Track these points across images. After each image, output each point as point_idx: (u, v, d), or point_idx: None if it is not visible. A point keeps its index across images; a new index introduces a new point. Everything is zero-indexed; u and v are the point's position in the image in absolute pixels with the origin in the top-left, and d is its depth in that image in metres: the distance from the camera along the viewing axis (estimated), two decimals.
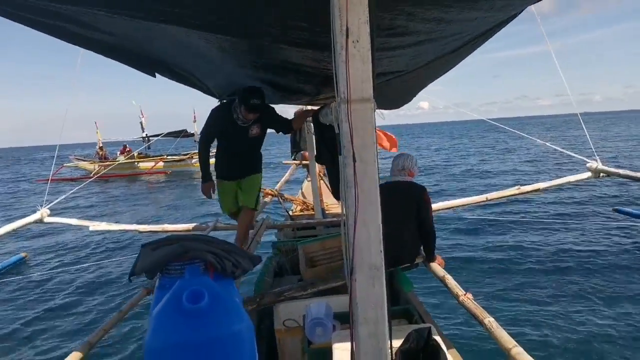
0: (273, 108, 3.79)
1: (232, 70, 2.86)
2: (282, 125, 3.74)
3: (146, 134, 27.28)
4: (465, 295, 2.88)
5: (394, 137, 7.12)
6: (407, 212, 3.18)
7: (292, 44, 1.82)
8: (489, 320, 2.53)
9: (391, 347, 1.34)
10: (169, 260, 1.49)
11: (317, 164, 4.77)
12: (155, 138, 23.88)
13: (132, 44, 2.28)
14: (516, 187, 4.97)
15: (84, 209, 14.17)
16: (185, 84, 3.38)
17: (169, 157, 26.26)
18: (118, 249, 8.75)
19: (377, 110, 1.20)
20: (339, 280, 3.46)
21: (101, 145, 27.85)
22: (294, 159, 7.80)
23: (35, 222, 4.46)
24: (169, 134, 26.03)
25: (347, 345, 2.23)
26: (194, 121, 26.54)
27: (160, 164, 25.87)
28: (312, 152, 5.47)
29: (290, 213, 6.03)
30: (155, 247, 1.55)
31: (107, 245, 9.10)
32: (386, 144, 6.93)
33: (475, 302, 2.76)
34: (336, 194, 2.86)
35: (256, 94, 3.29)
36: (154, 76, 2.84)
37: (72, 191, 5.24)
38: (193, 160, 25.68)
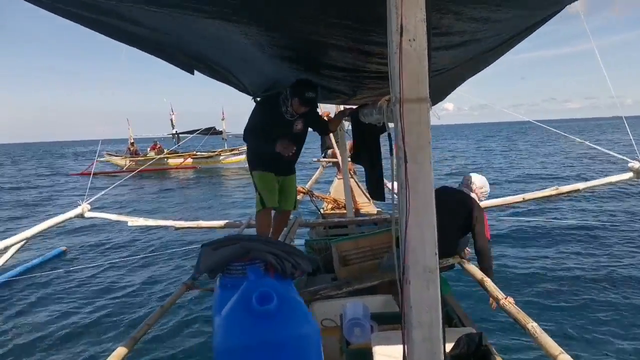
0: (317, 106, 3.73)
1: (268, 68, 2.88)
2: (321, 126, 3.68)
3: (176, 131, 28.03)
4: (506, 299, 2.81)
5: None
6: (453, 218, 3.15)
7: (335, 44, 1.81)
8: (532, 326, 2.46)
9: (444, 351, 1.32)
10: (230, 261, 1.51)
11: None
12: (190, 136, 24.40)
13: (174, 41, 2.31)
14: (554, 187, 4.83)
15: (117, 203, 14.53)
16: (221, 80, 3.42)
17: (198, 154, 26.68)
18: (155, 244, 8.95)
19: (431, 110, 1.17)
20: (374, 279, 3.45)
21: (132, 141, 28.58)
22: (324, 157, 7.81)
23: (77, 216, 4.60)
24: (198, 132, 26.63)
25: (389, 348, 2.22)
26: (223, 119, 27.05)
27: (189, 160, 26.33)
28: (344, 151, 5.46)
29: (322, 211, 6.04)
30: (217, 247, 1.58)
31: (143, 240, 9.32)
32: None
33: (516, 307, 2.70)
34: (372, 194, 2.84)
35: (312, 88, 3.20)
36: (192, 73, 2.88)
37: (113, 186, 5.38)
38: (221, 157, 26.41)
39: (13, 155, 66.06)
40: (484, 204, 5.02)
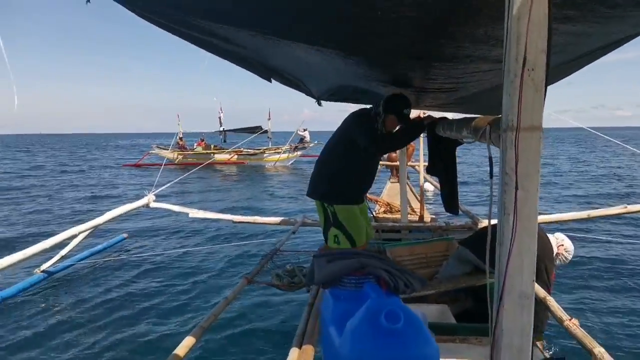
0: None
1: (335, 78, 2.95)
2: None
3: (223, 128, 28.96)
4: (570, 320, 2.75)
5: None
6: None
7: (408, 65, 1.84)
8: (599, 351, 2.39)
9: None
10: (346, 274, 1.58)
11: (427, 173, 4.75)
12: (244, 135, 25.16)
13: (256, 56, 2.43)
14: (622, 205, 4.65)
15: (171, 194, 15.11)
16: (292, 87, 3.53)
17: (244, 151, 27.39)
18: (211, 236, 9.25)
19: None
20: (430, 288, 3.43)
21: (181, 136, 29.61)
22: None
23: (143, 206, 4.86)
24: (244, 129, 28.26)
25: None
26: (269, 119, 27.76)
27: (235, 156, 27.15)
28: (403, 155, 5.46)
29: (374, 214, 6.05)
30: (331, 260, 1.65)
31: (200, 232, 9.64)
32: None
33: (582, 330, 2.63)
34: (447, 206, 2.83)
35: (409, 103, 2.95)
36: (270, 81, 3.00)
37: (179, 178, 5.63)
38: (265, 155, 27.20)
39: (61, 146, 69.34)
40: (544, 218, 4.92)
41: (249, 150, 28.04)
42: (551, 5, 1.07)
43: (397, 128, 2.99)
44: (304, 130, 27.64)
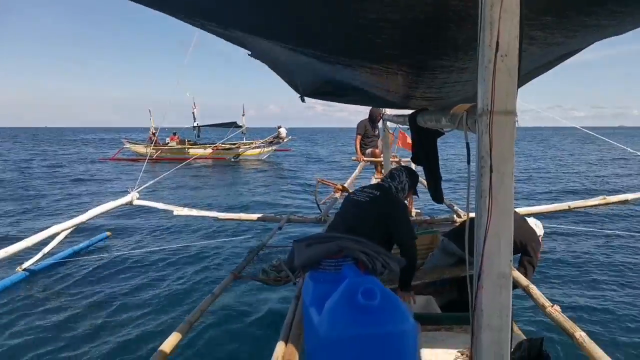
0: None
1: (323, 73, 2.96)
2: None
3: (197, 124, 29.22)
4: (552, 307, 2.81)
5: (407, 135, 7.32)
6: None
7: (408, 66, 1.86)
8: (580, 334, 2.46)
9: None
10: (324, 257, 1.60)
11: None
12: (209, 127, 25.13)
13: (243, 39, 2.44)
14: (601, 197, 4.76)
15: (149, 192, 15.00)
16: (275, 71, 3.51)
17: (220, 146, 27.60)
18: (195, 233, 9.19)
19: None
20: (415, 279, 3.48)
21: (154, 131, 29.46)
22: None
23: (126, 204, 4.81)
24: (219, 125, 29.09)
25: (434, 351, 2.27)
26: (243, 115, 28.40)
27: (209, 150, 27.30)
28: (387, 151, 5.51)
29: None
30: (309, 244, 1.67)
31: (184, 228, 9.59)
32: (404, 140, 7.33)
33: (564, 315, 2.69)
34: (433, 196, 2.89)
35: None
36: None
37: (162, 175, 5.59)
38: (240, 150, 27.84)
39: (25, 138, 67.77)
40: (527, 209, 5.01)
41: (224, 145, 28.10)
42: None
43: None
44: (279, 127, 28.62)
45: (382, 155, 6.64)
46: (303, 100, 4.40)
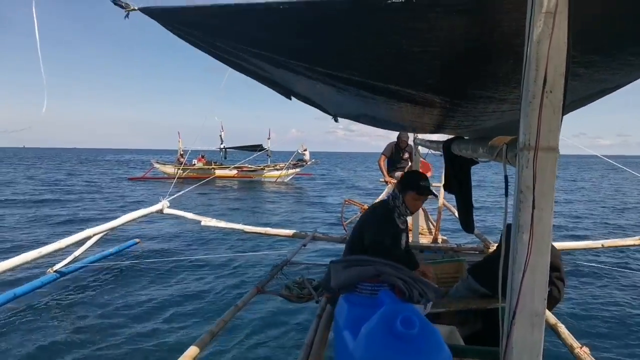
0: None
1: (355, 106, 3.01)
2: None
3: (224, 146, 30.09)
4: (581, 348, 2.71)
5: (428, 163, 7.60)
6: None
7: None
8: None
9: None
10: (361, 280, 1.60)
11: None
12: (235, 150, 27.94)
13: (279, 80, 2.51)
14: (638, 237, 4.59)
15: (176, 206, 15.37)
16: (312, 105, 3.58)
17: (245, 167, 28.72)
18: (222, 245, 9.35)
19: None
20: (440, 307, 3.40)
21: (182, 152, 30.65)
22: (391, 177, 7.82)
23: (157, 212, 4.92)
24: (245, 147, 30.12)
25: None
26: (268, 138, 29.44)
27: (235, 172, 28.48)
28: None
29: None
30: (347, 266, 1.68)
31: (210, 240, 9.77)
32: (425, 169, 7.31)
33: (592, 357, 2.59)
34: (463, 225, 2.84)
35: (424, 177, 2.88)
36: (290, 99, 3.07)
37: (191, 187, 5.72)
38: (264, 172, 28.83)
39: (60, 160, 70.12)
40: (560, 245, 4.86)
41: (249, 166, 29.24)
42: (570, 31, 1.10)
43: (419, 205, 2.93)
44: (305, 150, 29.29)
45: None
46: (336, 120, 4.47)
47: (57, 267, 6.35)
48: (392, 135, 7.67)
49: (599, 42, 1.18)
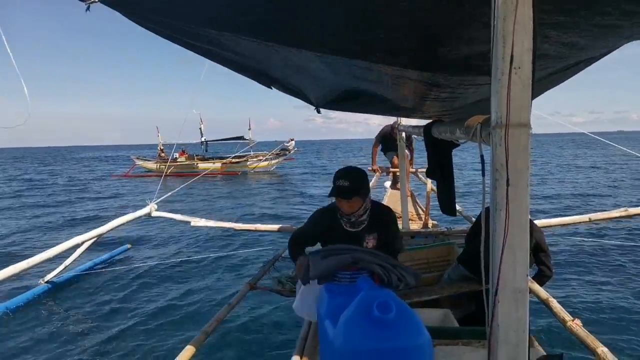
0: (391, 216, 2.79)
1: (334, 83, 2.98)
2: (393, 244, 2.69)
3: (205, 139, 30.32)
4: (573, 321, 2.75)
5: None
6: None
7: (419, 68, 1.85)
8: (602, 350, 2.40)
9: None
10: (339, 269, 1.60)
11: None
12: (217, 142, 28.60)
13: (258, 66, 2.47)
14: (623, 208, 4.66)
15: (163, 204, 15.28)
16: (292, 95, 3.57)
17: (228, 159, 28.51)
18: (213, 244, 9.30)
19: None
20: (433, 293, 3.43)
21: (162, 147, 30.87)
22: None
23: (145, 215, 4.88)
24: (226, 139, 30.72)
25: None
26: (249, 128, 29.78)
27: (218, 164, 28.24)
28: (403, 162, 5.48)
29: None
30: (325, 256, 1.67)
31: (201, 240, 9.72)
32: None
33: (585, 330, 2.63)
34: (444, 209, 2.86)
35: (345, 176, 2.50)
36: (271, 88, 3.05)
37: (178, 188, 5.69)
38: (248, 163, 29.16)
39: (32, 159, 69.09)
40: (546, 222, 4.92)
41: (232, 159, 28.97)
42: (535, 5, 1.10)
43: (346, 208, 2.49)
44: (290, 140, 30.78)
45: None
46: (319, 112, 4.46)
47: (48, 277, 6.27)
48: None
49: (565, 4, 1.18)
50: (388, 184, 7.98)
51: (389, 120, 7.40)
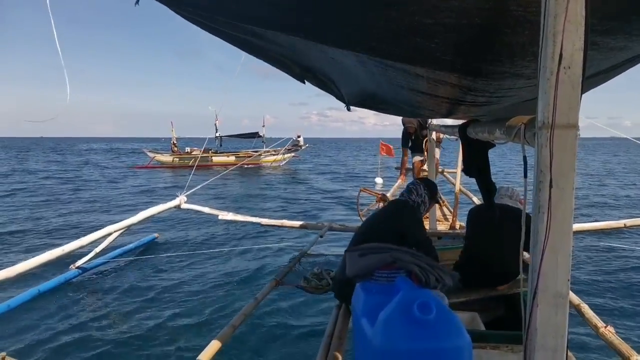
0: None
1: (370, 86, 2.96)
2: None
3: (219, 134, 31.27)
4: (606, 327, 2.68)
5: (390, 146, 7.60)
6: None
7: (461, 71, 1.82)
8: (637, 359, 2.33)
9: None
10: (377, 268, 1.60)
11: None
12: (230, 138, 30.22)
13: (293, 56, 2.47)
14: None
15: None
16: (324, 90, 3.55)
17: (242, 153, 30.25)
18: (238, 238, 9.43)
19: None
20: (461, 296, 3.38)
21: (175, 142, 31.72)
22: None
23: (175, 207, 4.97)
24: (240, 135, 32.20)
25: None
26: (263, 125, 31.09)
27: (232, 158, 29.53)
28: (432, 162, 5.42)
29: None
30: (363, 254, 1.67)
31: (227, 233, 9.87)
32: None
33: (618, 337, 2.56)
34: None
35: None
36: (304, 83, 3.05)
37: (209, 180, 5.81)
38: (262, 157, 30.53)
39: (54, 149, 70.36)
40: (579, 226, 4.79)
41: (247, 152, 30.79)
42: (588, 3, 1.07)
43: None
44: (299, 136, 33.06)
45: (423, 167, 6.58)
46: (349, 109, 4.43)
47: (79, 263, 6.48)
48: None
49: (618, 9, 1.14)
50: (380, 180, 7.95)
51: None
